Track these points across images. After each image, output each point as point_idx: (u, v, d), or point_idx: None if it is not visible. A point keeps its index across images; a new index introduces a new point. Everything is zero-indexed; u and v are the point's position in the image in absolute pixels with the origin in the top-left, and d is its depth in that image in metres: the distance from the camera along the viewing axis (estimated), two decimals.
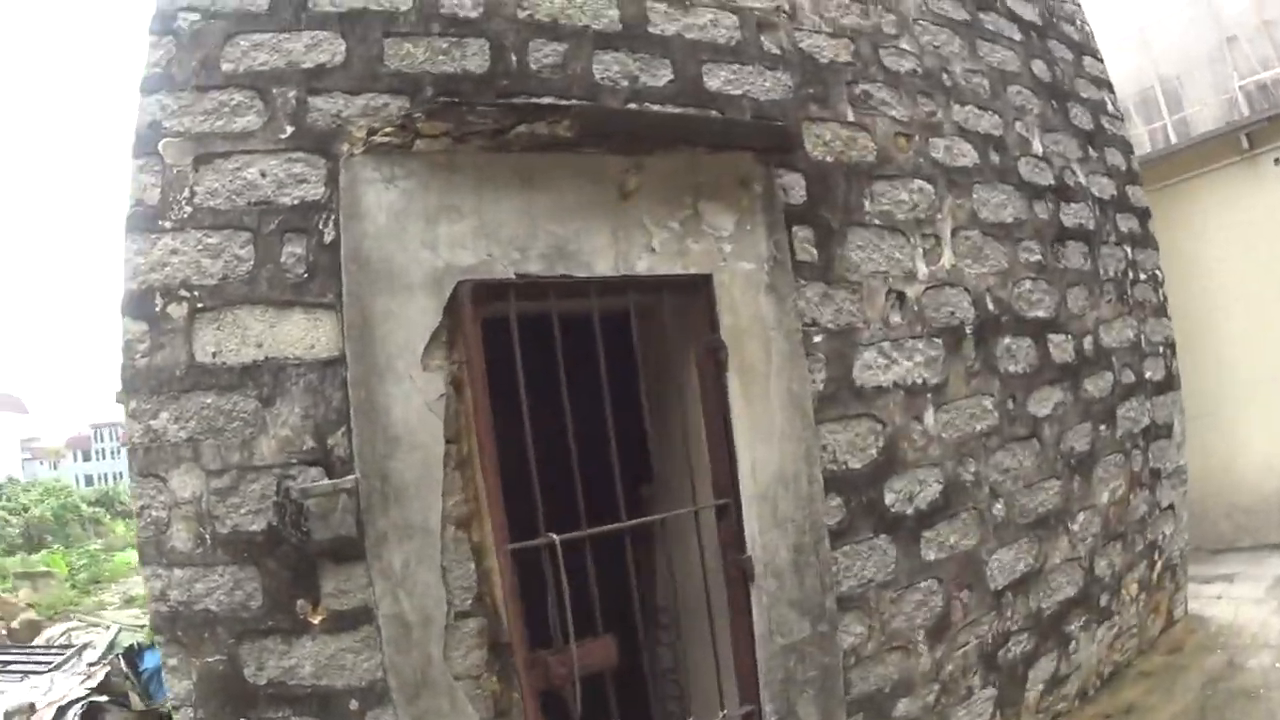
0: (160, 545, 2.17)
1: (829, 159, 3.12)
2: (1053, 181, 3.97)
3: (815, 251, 2.98)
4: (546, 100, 2.64)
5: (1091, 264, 4.09)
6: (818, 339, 2.92)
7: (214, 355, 2.25)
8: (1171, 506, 4.37)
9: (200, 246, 2.27)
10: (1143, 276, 4.41)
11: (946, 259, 3.38)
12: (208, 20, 2.36)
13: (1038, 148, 3.95)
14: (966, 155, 3.59)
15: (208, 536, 2.17)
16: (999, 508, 3.38)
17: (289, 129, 2.35)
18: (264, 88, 2.36)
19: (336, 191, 2.32)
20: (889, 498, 3.02)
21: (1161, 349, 4.46)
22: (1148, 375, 4.30)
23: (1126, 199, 4.45)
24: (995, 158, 3.72)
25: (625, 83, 2.82)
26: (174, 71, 2.33)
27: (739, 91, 3.00)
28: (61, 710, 4.04)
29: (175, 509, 2.18)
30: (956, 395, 3.29)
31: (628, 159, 2.65)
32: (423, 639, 2.22)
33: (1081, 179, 4.16)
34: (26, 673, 4.73)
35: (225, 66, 2.35)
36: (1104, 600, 3.85)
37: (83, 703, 4.00)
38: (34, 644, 6.54)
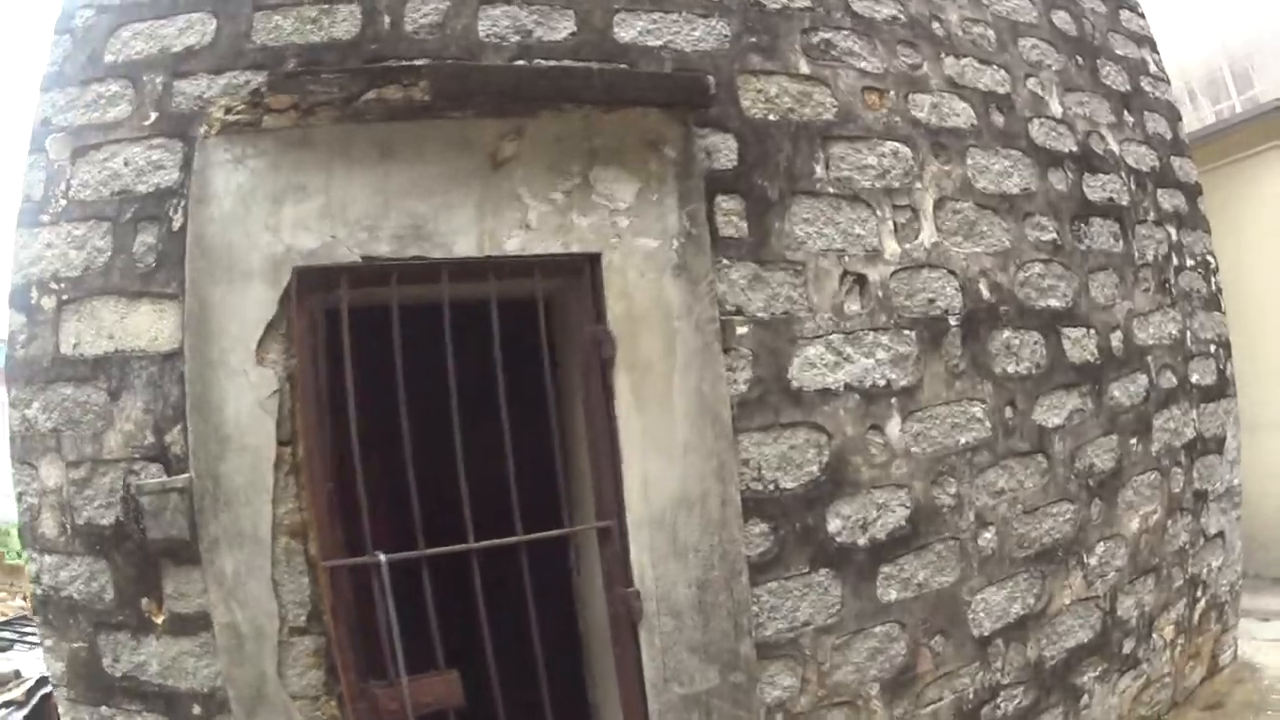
0: (34, 531, 2.06)
1: (772, 117, 2.35)
2: (1075, 148, 3.05)
3: (745, 225, 2.23)
4: (420, 63, 2.07)
5: (1124, 246, 3.14)
6: (742, 330, 2.17)
7: (75, 347, 2.06)
8: (1220, 534, 3.32)
9: (69, 239, 2.08)
10: (1190, 262, 3.39)
11: (926, 236, 2.57)
12: (99, 14, 2.17)
13: (1055, 109, 3.05)
14: (960, 114, 2.75)
15: (69, 526, 2.02)
16: (988, 537, 2.55)
17: (153, 115, 2.09)
18: (136, 75, 2.12)
19: (190, 176, 2.01)
20: (834, 525, 2.24)
21: (1213, 348, 3.40)
22: (1194, 379, 3.28)
23: (1170, 172, 3.41)
24: (999, 118, 2.85)
25: (515, 38, 2.18)
26: (67, 68, 2.16)
27: (659, 43, 2.28)
28: (44, 680, 3.83)
29: (44, 497, 2.04)
30: (933, 400, 2.47)
31: (506, 123, 2.02)
32: (256, 653, 1.90)
33: (1113, 146, 3.21)
34: (35, 644, 4.61)
35: (108, 58, 2.14)
36: (1128, 646, 2.93)
37: None
38: None
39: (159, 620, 1.96)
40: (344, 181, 2.00)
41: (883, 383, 2.36)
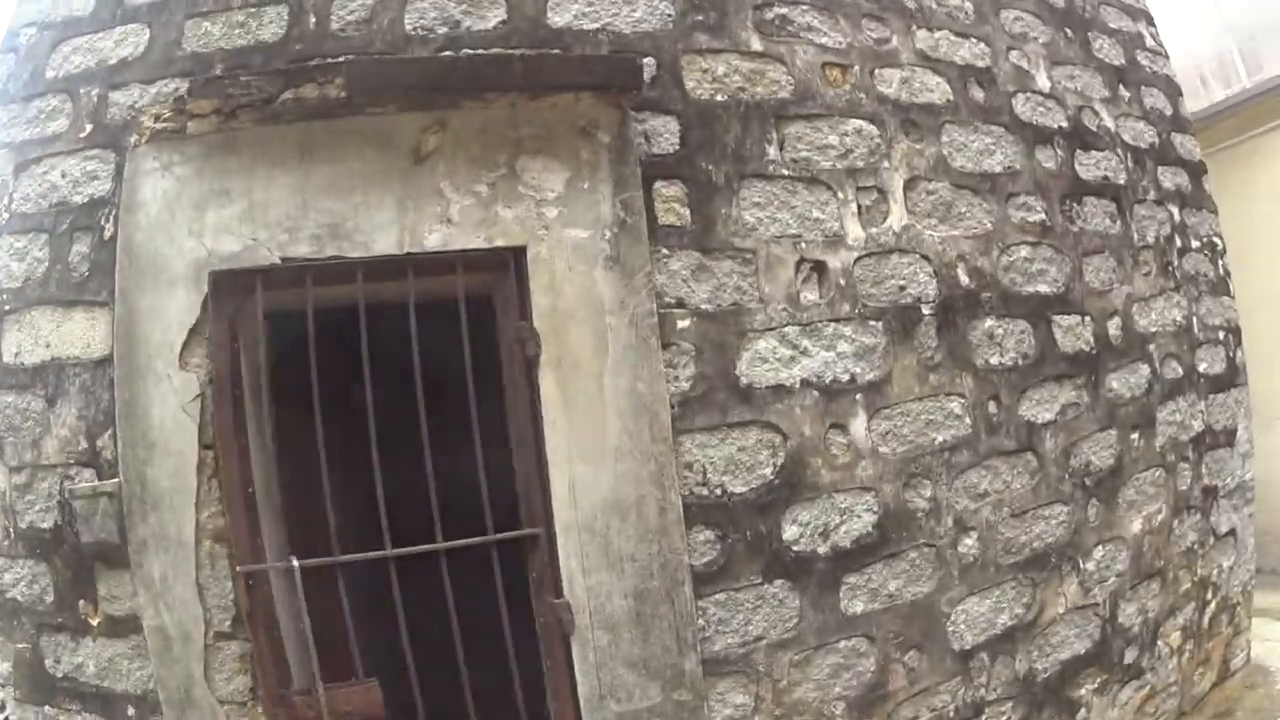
0: None
1: (719, 97, 2.08)
2: (1065, 123, 2.71)
3: (687, 212, 1.97)
4: (336, 60, 1.94)
5: (1121, 226, 2.79)
6: (684, 324, 1.92)
7: (16, 356, 2.01)
8: (1232, 532, 2.93)
9: (11, 251, 2.04)
10: (1195, 244, 3.01)
11: (895, 219, 2.28)
12: (42, 31, 2.14)
13: (1042, 83, 2.72)
14: (934, 90, 2.45)
15: (12, 530, 1.98)
16: (969, 544, 2.24)
17: (89, 127, 2.04)
18: (75, 89, 2.07)
19: (121, 185, 1.94)
20: (790, 532, 1.97)
21: (1222, 335, 3.00)
22: (1201, 368, 2.90)
23: (1171, 149, 3.02)
24: (978, 93, 2.54)
25: (443, 29, 1.99)
26: (11, 86, 2.13)
27: (595, 26, 2.05)
28: None
29: None
30: (904, 396, 2.17)
31: (428, 116, 1.84)
32: (184, 656, 1.83)
33: (1108, 122, 2.87)
34: None
35: (49, 74, 2.10)
36: (1130, 655, 2.59)
37: None
38: None
39: (95, 622, 1.90)
40: (265, 184, 1.88)
41: (845, 378, 2.09)
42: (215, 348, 1.84)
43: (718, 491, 1.91)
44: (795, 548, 1.97)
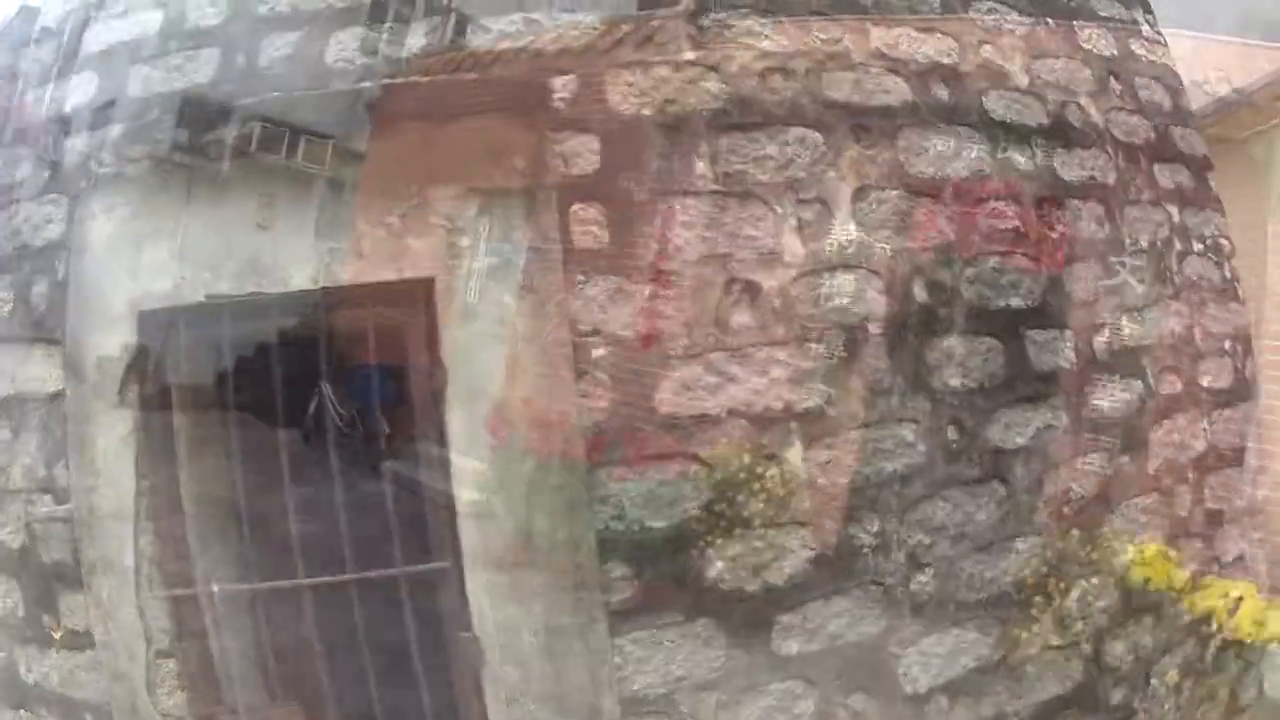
0: None
1: (645, 111, 2.02)
2: (1045, 120, 2.54)
3: (606, 235, 1.92)
4: (254, 99, 2.03)
5: (1110, 230, 2.62)
6: (600, 352, 1.86)
7: None
8: (1240, 559, 2.77)
9: None
10: (1196, 247, 2.80)
11: (841, 232, 2.19)
12: (8, 84, 2.38)
13: (1019, 78, 2.57)
14: (891, 91, 2.34)
15: None
16: (924, 580, 2.13)
17: (46, 174, 2.22)
18: (36, 138, 2.27)
19: (72, 228, 2.13)
20: (715, 569, 1.90)
21: (1228, 344, 2.79)
22: (1204, 382, 2.69)
23: (1170, 144, 2.81)
24: (942, 92, 2.41)
25: (363, 59, 2.02)
26: None
27: (518, 45, 2.01)
28: None
29: None
30: (848, 423, 2.08)
31: (341, 148, 1.89)
32: (129, 671, 2.00)
33: (1095, 118, 2.70)
34: None
35: (14, 123, 2.33)
36: (1118, 696, 2.44)
37: None
38: None
39: (57, 636, 2.09)
40: (193, 223, 2.00)
41: (779, 405, 2.01)
42: (145, 383, 1.98)
43: (635, 527, 1.86)
44: (721, 585, 1.91)
